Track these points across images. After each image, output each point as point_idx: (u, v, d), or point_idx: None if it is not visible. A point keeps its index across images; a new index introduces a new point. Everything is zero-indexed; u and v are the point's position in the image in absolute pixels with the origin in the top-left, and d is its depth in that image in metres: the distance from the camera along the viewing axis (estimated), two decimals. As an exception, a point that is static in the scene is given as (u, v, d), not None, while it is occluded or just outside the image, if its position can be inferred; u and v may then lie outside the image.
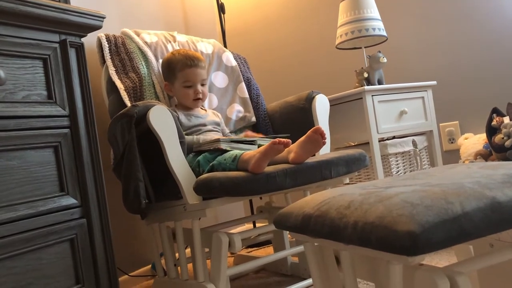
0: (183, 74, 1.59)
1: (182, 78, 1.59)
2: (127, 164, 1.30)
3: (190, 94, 1.60)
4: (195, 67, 1.59)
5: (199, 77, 1.60)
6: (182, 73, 1.59)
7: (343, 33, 1.90)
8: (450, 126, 2.07)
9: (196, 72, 1.60)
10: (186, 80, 1.59)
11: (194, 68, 1.59)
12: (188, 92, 1.60)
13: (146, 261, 1.88)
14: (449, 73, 2.06)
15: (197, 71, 1.60)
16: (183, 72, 1.59)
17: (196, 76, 1.60)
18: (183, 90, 1.60)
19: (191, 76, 1.59)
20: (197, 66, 1.60)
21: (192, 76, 1.59)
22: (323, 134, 1.25)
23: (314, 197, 0.85)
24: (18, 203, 1.01)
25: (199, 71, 1.60)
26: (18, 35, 1.05)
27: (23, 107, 1.04)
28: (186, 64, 1.59)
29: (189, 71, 1.59)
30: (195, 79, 1.59)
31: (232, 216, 2.32)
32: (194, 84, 1.60)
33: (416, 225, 0.58)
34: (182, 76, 1.59)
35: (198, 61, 1.61)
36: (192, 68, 1.59)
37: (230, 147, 1.33)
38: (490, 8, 1.96)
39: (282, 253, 1.49)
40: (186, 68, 1.59)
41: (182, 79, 1.59)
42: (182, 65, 1.59)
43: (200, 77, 1.61)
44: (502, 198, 0.65)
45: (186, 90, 1.60)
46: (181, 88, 1.60)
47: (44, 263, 1.04)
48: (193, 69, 1.59)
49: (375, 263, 0.76)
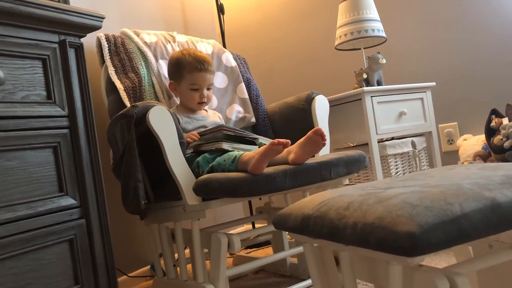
0: (191, 76, 1.57)
1: (190, 80, 1.57)
2: (127, 165, 1.30)
3: (196, 97, 1.58)
4: (205, 72, 1.57)
5: (207, 82, 1.59)
6: (190, 75, 1.57)
7: (342, 34, 1.90)
8: (449, 127, 2.07)
9: (205, 77, 1.58)
10: (193, 83, 1.57)
11: (204, 73, 1.57)
12: (193, 95, 1.58)
13: (145, 261, 1.88)
14: (448, 74, 2.06)
15: (206, 76, 1.58)
16: (192, 74, 1.56)
17: (204, 80, 1.58)
18: (189, 93, 1.58)
19: (199, 80, 1.57)
20: (207, 71, 1.58)
21: (200, 80, 1.57)
22: (323, 135, 1.25)
23: (314, 198, 0.85)
24: (17, 204, 1.01)
25: (208, 76, 1.59)
26: (18, 35, 1.05)
27: (22, 108, 1.04)
28: (196, 67, 1.56)
29: (198, 75, 1.56)
30: (202, 84, 1.58)
31: (231, 217, 2.32)
32: (200, 88, 1.58)
33: (415, 226, 0.58)
34: (190, 78, 1.57)
35: (208, 65, 1.58)
36: (201, 72, 1.57)
37: (231, 148, 1.33)
38: (489, 9, 1.96)
39: (281, 254, 1.49)
40: (195, 71, 1.56)
41: (189, 81, 1.57)
42: (192, 68, 1.56)
43: (207, 82, 1.59)
44: (501, 199, 0.65)
45: (192, 93, 1.58)
46: (187, 90, 1.58)
47: (43, 263, 1.04)
48: (202, 74, 1.57)
49: (375, 264, 0.76)
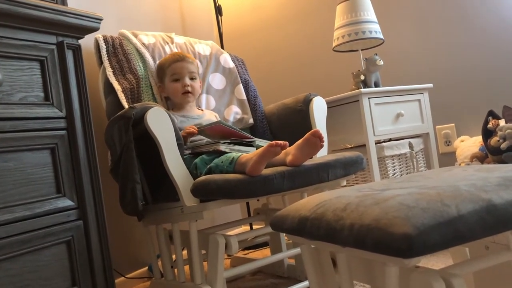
0: (170, 69, 1.64)
1: (170, 72, 1.64)
2: (124, 166, 1.30)
3: (178, 87, 1.63)
4: (181, 61, 1.65)
5: (186, 69, 1.64)
6: (169, 68, 1.65)
7: (340, 35, 1.91)
8: (446, 129, 2.08)
9: (183, 65, 1.64)
10: (173, 73, 1.64)
11: (181, 62, 1.64)
12: (176, 86, 1.63)
13: (142, 263, 1.88)
14: (445, 76, 2.07)
15: (184, 64, 1.65)
16: (170, 67, 1.65)
17: (182, 68, 1.64)
18: (171, 85, 1.64)
19: (177, 69, 1.64)
20: (184, 60, 1.65)
21: (178, 69, 1.64)
22: (321, 137, 1.25)
23: (311, 200, 0.86)
24: (15, 205, 1.01)
25: (185, 64, 1.65)
26: (15, 37, 1.05)
27: (20, 109, 1.04)
28: (173, 59, 1.66)
29: (175, 65, 1.64)
30: (182, 72, 1.63)
31: (229, 218, 2.32)
32: (182, 78, 1.64)
33: (411, 228, 0.58)
34: (169, 71, 1.65)
35: (184, 56, 1.67)
36: (178, 62, 1.64)
37: (229, 149, 1.33)
38: (487, 11, 1.97)
39: (278, 255, 1.49)
40: (172, 63, 1.65)
41: (169, 74, 1.64)
42: (170, 62, 1.66)
43: (187, 70, 1.64)
44: (498, 201, 0.65)
45: (174, 84, 1.64)
46: (170, 83, 1.65)
47: (41, 264, 1.04)
48: (179, 63, 1.64)
49: (371, 265, 0.77)
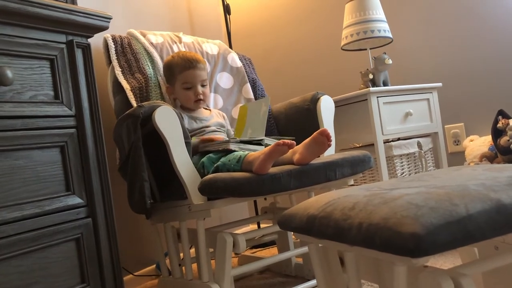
0: (182, 76, 1.60)
1: (182, 80, 1.60)
2: (133, 164, 1.31)
3: (191, 96, 1.60)
4: (194, 69, 1.60)
5: (198, 78, 1.61)
6: (181, 75, 1.60)
7: (348, 34, 1.90)
8: (455, 128, 2.07)
9: (195, 74, 1.60)
10: (185, 82, 1.60)
11: (193, 70, 1.60)
12: (188, 94, 1.60)
13: (150, 260, 1.89)
14: (454, 74, 2.06)
15: (196, 73, 1.60)
16: (182, 74, 1.60)
17: (195, 77, 1.60)
18: (183, 92, 1.61)
19: (190, 77, 1.60)
20: (196, 68, 1.60)
21: (191, 78, 1.60)
22: (329, 136, 1.25)
23: (319, 198, 0.86)
24: (25, 203, 1.02)
25: (198, 72, 1.61)
26: (25, 36, 1.06)
27: (30, 107, 1.05)
28: (185, 66, 1.60)
29: (187, 73, 1.60)
30: (194, 81, 1.60)
31: (237, 217, 2.33)
32: (194, 86, 1.60)
33: (420, 227, 0.58)
34: (181, 78, 1.60)
35: (196, 62, 1.61)
36: (190, 70, 1.60)
37: (238, 148, 1.33)
38: (496, 10, 1.95)
39: (286, 254, 1.49)
40: (184, 70, 1.60)
41: (181, 81, 1.60)
42: (181, 68, 1.60)
43: (199, 78, 1.61)
44: (507, 200, 0.64)
45: (187, 92, 1.60)
46: (181, 90, 1.61)
47: (50, 262, 1.05)
48: (191, 71, 1.60)
49: (380, 265, 0.76)
